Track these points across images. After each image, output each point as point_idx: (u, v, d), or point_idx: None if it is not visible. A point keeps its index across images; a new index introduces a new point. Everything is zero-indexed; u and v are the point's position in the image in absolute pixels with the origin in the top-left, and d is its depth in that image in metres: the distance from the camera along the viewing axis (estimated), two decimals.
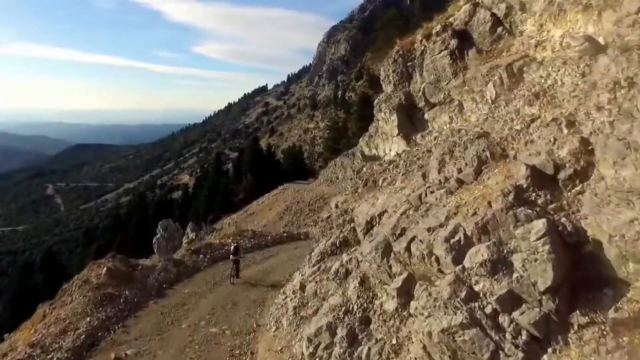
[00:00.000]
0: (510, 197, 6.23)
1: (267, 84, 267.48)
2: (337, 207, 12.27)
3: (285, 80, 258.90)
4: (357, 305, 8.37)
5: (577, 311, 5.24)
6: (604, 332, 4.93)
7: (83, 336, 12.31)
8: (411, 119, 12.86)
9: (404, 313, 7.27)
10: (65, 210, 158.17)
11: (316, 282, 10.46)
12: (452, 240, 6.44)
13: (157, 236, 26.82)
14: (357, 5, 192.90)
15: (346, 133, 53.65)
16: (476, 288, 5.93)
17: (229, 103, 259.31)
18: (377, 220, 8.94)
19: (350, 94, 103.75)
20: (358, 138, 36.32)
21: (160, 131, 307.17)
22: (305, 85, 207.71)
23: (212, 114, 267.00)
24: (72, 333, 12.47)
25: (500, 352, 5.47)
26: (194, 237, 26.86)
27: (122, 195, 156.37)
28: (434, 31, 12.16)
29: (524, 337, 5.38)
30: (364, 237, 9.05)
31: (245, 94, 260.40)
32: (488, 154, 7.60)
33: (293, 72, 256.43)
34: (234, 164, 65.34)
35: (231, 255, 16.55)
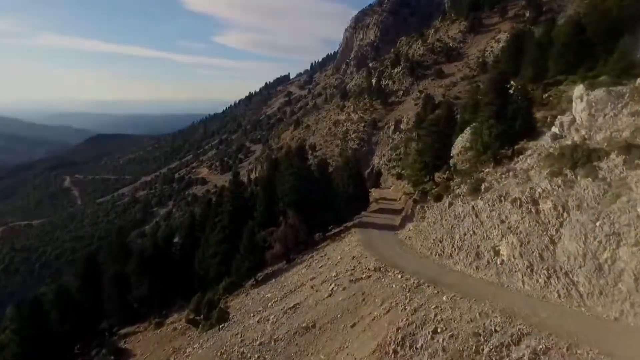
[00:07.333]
0: None
1: (289, 73, 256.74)
2: None
3: (309, 69, 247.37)
4: None
5: None
6: None
7: None
8: None
9: None
10: (82, 204, 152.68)
11: None
12: None
13: None
14: None
15: (449, 141, 30.30)
16: None
17: (249, 92, 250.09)
18: None
19: (387, 82, 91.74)
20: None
21: (184, 121, 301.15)
22: (331, 73, 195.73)
23: (232, 104, 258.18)
24: None
25: None
26: None
27: (139, 189, 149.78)
28: None
29: None
30: None
31: (266, 83, 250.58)
32: None
33: (316, 61, 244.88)
34: (262, 185, 34.31)
35: None
